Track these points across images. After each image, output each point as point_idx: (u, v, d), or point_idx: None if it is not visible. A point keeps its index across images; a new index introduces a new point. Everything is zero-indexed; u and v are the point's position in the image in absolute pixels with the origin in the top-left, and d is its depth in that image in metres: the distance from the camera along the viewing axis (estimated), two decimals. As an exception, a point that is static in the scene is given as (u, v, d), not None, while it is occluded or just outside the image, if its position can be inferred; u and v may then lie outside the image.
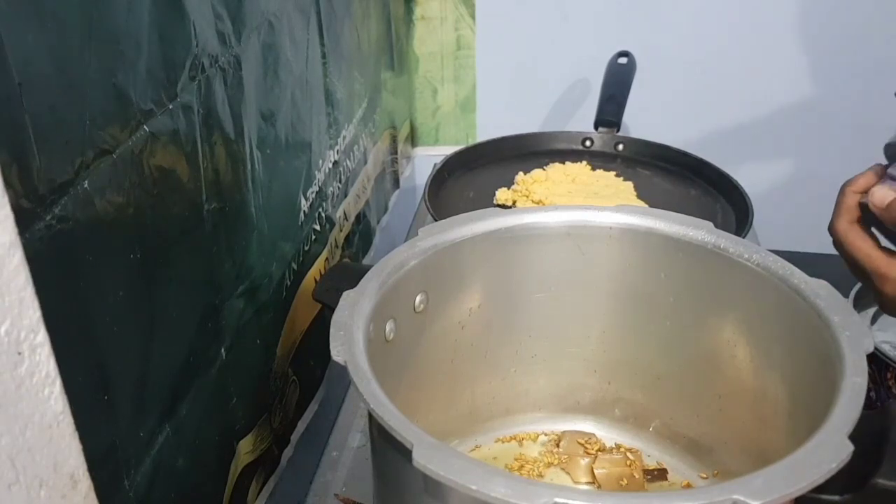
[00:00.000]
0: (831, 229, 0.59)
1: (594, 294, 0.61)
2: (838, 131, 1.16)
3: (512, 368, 0.63)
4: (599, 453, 0.62)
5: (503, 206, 0.86)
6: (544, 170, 0.94)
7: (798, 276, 0.51)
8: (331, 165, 0.78)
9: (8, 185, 0.30)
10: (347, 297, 0.49)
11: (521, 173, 0.93)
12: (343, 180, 0.83)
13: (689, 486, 0.60)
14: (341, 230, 0.83)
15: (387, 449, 0.43)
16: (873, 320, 0.78)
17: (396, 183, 1.13)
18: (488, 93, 1.22)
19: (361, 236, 0.92)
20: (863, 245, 0.57)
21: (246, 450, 0.59)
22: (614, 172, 0.95)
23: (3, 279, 0.29)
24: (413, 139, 1.24)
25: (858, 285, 0.76)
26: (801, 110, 1.16)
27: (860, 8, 1.09)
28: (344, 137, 0.83)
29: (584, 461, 0.62)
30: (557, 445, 0.64)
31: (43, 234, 0.33)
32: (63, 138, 0.34)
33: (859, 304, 0.77)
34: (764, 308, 0.53)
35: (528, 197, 0.88)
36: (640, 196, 0.90)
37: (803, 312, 0.50)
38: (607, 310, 0.61)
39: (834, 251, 0.59)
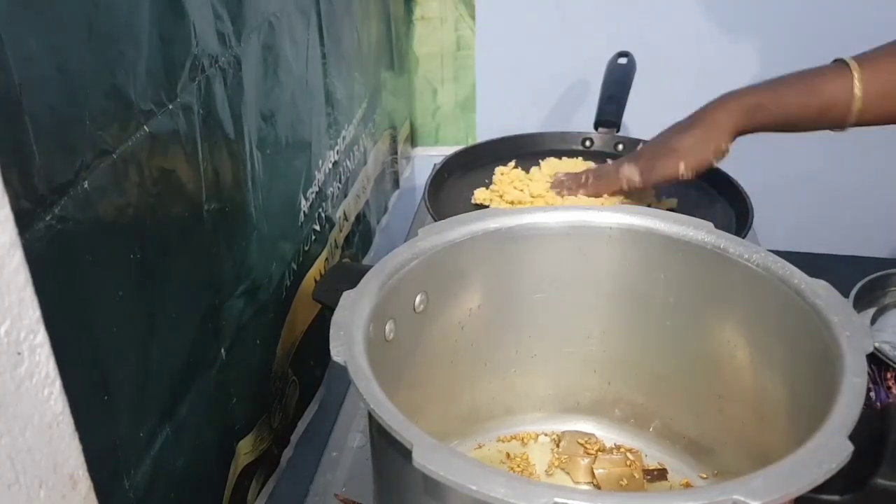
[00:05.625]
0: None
1: (594, 294, 0.61)
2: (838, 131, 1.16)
3: (512, 368, 0.63)
4: (599, 453, 0.62)
5: (482, 206, 0.85)
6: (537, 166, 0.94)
7: (798, 276, 0.51)
8: (331, 166, 0.78)
9: (8, 185, 0.30)
10: (347, 297, 0.49)
11: (499, 168, 0.92)
12: (343, 180, 0.83)
13: (689, 485, 0.60)
14: (341, 230, 0.83)
15: (387, 449, 0.43)
16: (873, 320, 0.78)
17: (396, 183, 1.13)
18: (488, 93, 1.22)
19: (361, 236, 0.92)
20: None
21: (246, 450, 0.59)
22: None
23: (3, 279, 0.29)
24: (413, 139, 1.24)
25: (858, 285, 0.76)
26: (801, 110, 1.16)
27: (861, 9, 1.09)
28: (344, 138, 0.83)
29: (584, 461, 0.62)
30: (557, 445, 0.64)
31: (43, 235, 0.33)
32: (63, 138, 0.34)
33: (859, 304, 0.77)
34: (764, 308, 0.53)
35: (501, 197, 0.87)
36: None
37: (803, 312, 0.50)
38: (607, 310, 0.61)
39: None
